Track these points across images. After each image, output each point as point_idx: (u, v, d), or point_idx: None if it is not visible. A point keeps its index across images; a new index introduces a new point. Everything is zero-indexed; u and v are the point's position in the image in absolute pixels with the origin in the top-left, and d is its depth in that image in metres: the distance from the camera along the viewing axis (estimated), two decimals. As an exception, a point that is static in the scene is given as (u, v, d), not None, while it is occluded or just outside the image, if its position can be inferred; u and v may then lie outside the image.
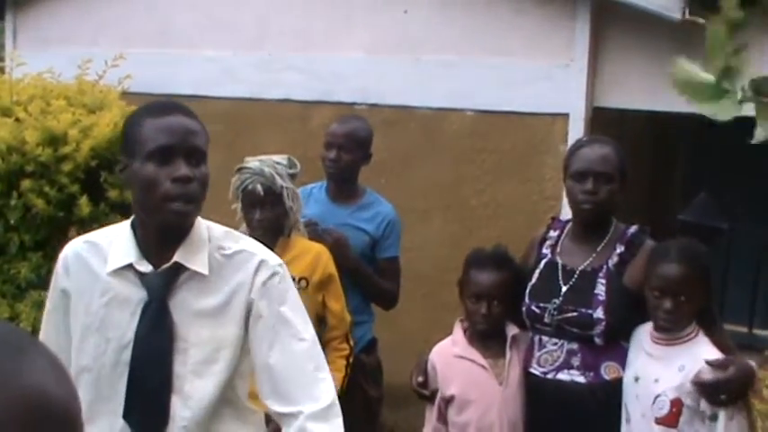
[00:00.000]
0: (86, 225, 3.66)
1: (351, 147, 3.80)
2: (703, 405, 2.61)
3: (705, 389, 2.58)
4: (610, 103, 4.68)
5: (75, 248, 2.18)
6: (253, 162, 3.39)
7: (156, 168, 1.99)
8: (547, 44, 4.66)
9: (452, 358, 3.01)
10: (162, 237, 2.08)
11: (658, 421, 2.66)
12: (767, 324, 4.62)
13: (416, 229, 4.88)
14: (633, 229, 2.95)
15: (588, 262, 2.90)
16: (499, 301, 2.95)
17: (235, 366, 2.14)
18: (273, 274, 2.14)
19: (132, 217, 2.15)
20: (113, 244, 2.13)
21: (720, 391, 2.56)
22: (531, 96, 4.66)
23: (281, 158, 3.43)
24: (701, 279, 2.70)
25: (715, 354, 2.66)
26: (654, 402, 2.67)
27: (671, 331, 2.70)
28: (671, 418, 2.63)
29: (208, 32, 5.45)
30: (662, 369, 2.68)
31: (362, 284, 3.82)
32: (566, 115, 4.62)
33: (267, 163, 3.37)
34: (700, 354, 2.65)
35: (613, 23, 4.63)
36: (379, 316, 4.30)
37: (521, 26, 4.72)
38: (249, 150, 3.68)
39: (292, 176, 3.44)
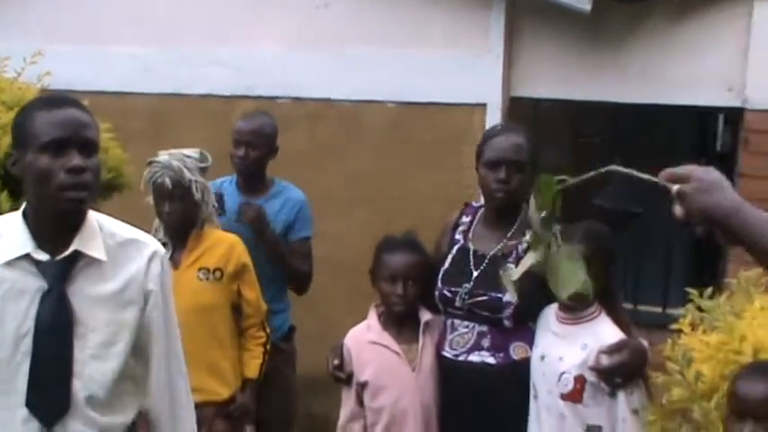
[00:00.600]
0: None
1: (258, 143, 3.95)
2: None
3: (601, 373, 2.69)
4: (526, 92, 4.80)
5: None
6: (162, 156, 3.44)
7: (51, 160, 2.06)
8: (464, 35, 4.76)
9: (366, 344, 3.08)
10: (58, 226, 2.13)
11: (564, 397, 2.76)
12: (680, 303, 4.77)
13: (339, 219, 4.95)
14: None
15: (499, 247, 2.99)
16: (414, 282, 3.03)
17: (133, 345, 2.23)
18: (164, 265, 2.29)
19: (23, 208, 2.19)
20: (3, 236, 2.16)
21: (615, 375, 2.68)
22: (449, 87, 4.76)
23: (192, 152, 3.49)
24: (603, 260, 2.78)
25: (615, 332, 2.76)
26: (559, 379, 2.76)
27: (574, 311, 2.79)
28: (575, 394, 2.74)
29: (130, 28, 5.42)
30: (566, 347, 2.78)
31: (279, 264, 3.92)
32: (483, 105, 4.72)
33: (176, 156, 3.42)
34: (601, 332, 2.76)
35: (527, 14, 4.75)
36: (302, 305, 4.37)
37: (438, 18, 4.81)
38: (172, 146, 3.69)
39: (203, 170, 3.50)
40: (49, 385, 2.15)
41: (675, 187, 1.64)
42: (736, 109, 4.54)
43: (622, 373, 2.67)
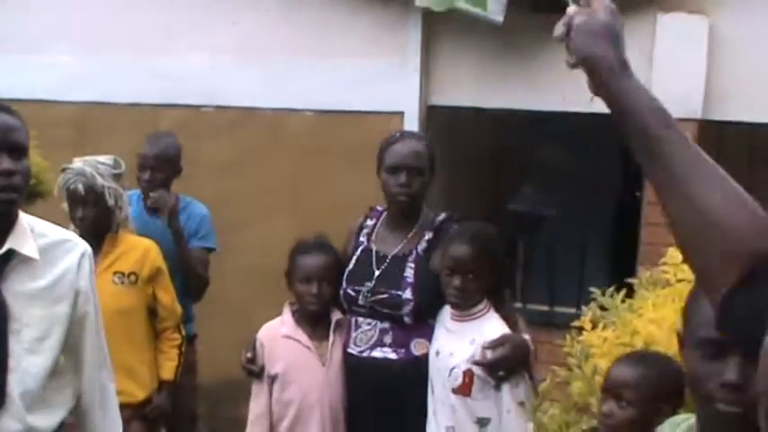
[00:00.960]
0: None
1: (162, 167, 4.08)
2: None
3: (485, 367, 2.82)
4: (442, 101, 4.94)
5: None
6: (76, 162, 3.51)
7: None
8: (381, 45, 4.90)
9: (279, 338, 3.18)
10: None
11: (454, 391, 2.88)
12: (565, 302, 4.98)
13: (262, 226, 5.05)
14: (442, 216, 3.18)
15: (399, 248, 3.12)
16: (327, 282, 3.13)
17: (64, 341, 2.35)
18: (91, 265, 2.41)
19: None
20: None
21: (498, 368, 2.81)
22: (367, 96, 4.88)
23: (105, 158, 3.57)
24: (490, 259, 2.92)
25: (500, 328, 2.89)
26: (450, 374, 2.88)
27: (461, 308, 2.92)
28: (464, 388, 2.86)
29: (55, 37, 5.45)
30: (456, 343, 2.90)
31: (185, 266, 4.02)
32: (401, 113, 4.86)
33: (89, 163, 3.50)
34: (487, 328, 2.88)
35: (444, 25, 4.88)
36: (225, 311, 4.45)
37: (356, 28, 4.94)
38: (98, 154, 3.76)
39: (117, 176, 3.57)
40: None
41: (570, 10, 1.36)
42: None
43: (505, 366, 2.80)
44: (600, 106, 1.33)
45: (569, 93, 4.79)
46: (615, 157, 5.54)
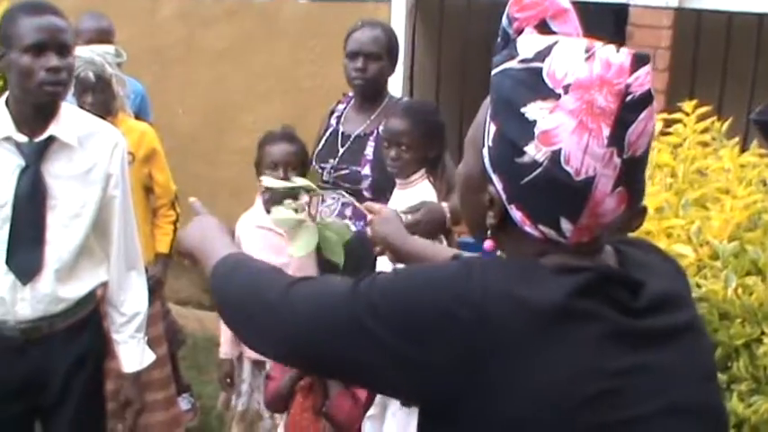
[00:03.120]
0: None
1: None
2: None
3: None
4: (431, -11, 5.08)
5: None
6: (84, 52, 3.72)
7: (32, 60, 2.44)
8: (369, -67, 5.01)
9: (254, 228, 3.47)
10: (37, 114, 2.54)
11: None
12: None
13: (258, 109, 5.28)
14: (405, 100, 3.40)
15: (362, 128, 3.37)
16: (293, 169, 3.38)
17: (94, 220, 2.66)
18: (123, 154, 2.73)
19: (5, 96, 2.58)
20: None
21: (413, 232, 3.04)
22: (357, -17, 5.03)
23: (109, 48, 3.79)
24: (425, 132, 3.13)
25: (426, 196, 3.11)
26: None
27: (399, 176, 3.16)
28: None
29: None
30: (395, 205, 3.13)
31: None
32: (388, 1, 5.01)
33: (97, 52, 3.72)
34: (417, 195, 3.11)
35: None
36: (221, 192, 4.71)
37: None
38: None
39: (119, 65, 3.80)
40: (25, 247, 2.58)
41: (369, 217, 2.00)
42: (621, 4, 4.83)
43: (420, 229, 2.95)
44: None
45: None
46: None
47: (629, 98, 1.14)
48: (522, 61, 1.20)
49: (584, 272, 1.18)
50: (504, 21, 1.26)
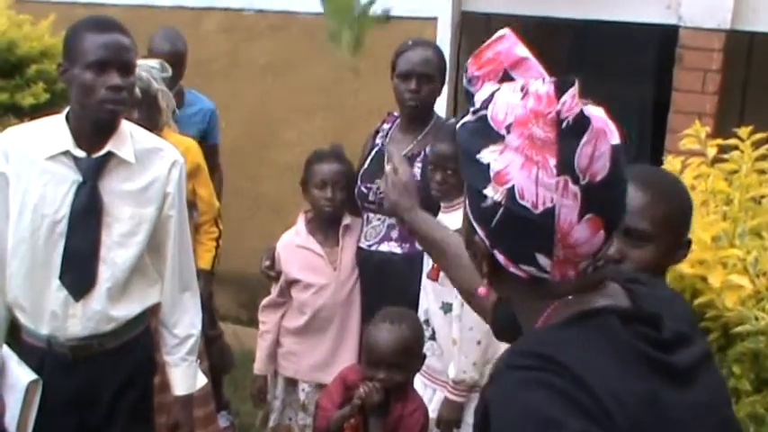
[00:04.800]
0: (-21, 126, 3.97)
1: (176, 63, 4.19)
2: None
3: None
4: (476, 7, 5.04)
5: (13, 137, 2.60)
6: None
7: (94, 77, 2.44)
8: (418, -49, 4.98)
9: (294, 247, 3.46)
10: (96, 129, 2.54)
11: (428, 276, 3.12)
12: None
13: (300, 126, 5.27)
14: (452, 121, 3.36)
15: (409, 149, 3.33)
16: (340, 188, 3.37)
17: (149, 239, 2.65)
18: (181, 173, 2.71)
19: (66, 111, 2.59)
20: (49, 134, 2.57)
21: None
22: (403, 1, 4.98)
23: (154, 62, 3.78)
24: None
25: None
26: (427, 260, 3.10)
27: (443, 200, 3.13)
28: (434, 273, 3.07)
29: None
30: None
31: None
32: (434, 19, 4.97)
33: (143, 68, 3.70)
34: (461, 220, 3.05)
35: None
36: (263, 208, 4.69)
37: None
38: (141, 57, 3.98)
39: (164, 79, 3.80)
40: (80, 263, 2.58)
41: (379, 182, 1.99)
42: (671, 26, 4.77)
43: None
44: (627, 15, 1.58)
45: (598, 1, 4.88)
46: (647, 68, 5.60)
47: (563, 125, 1.17)
48: (474, 112, 1.27)
49: (603, 311, 1.20)
50: (465, 81, 1.34)
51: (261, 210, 5.30)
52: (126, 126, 2.62)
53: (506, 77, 1.30)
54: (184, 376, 2.82)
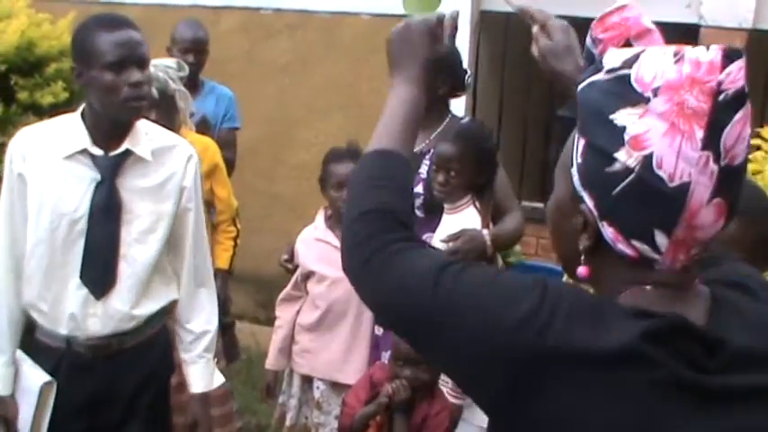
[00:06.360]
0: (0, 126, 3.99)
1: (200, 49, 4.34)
2: None
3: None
4: (495, 6, 5.01)
5: (29, 137, 2.60)
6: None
7: (115, 77, 2.43)
8: (435, -50, 4.95)
9: (312, 241, 3.44)
10: (114, 128, 2.54)
11: None
12: None
13: (317, 125, 5.25)
14: (466, 120, 3.34)
15: (421, 146, 3.30)
16: None
17: (168, 235, 2.65)
18: (197, 168, 2.70)
19: (81, 109, 2.58)
20: (65, 133, 2.57)
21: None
22: (420, 0, 4.97)
23: (170, 62, 3.77)
24: (475, 159, 3.07)
25: (473, 222, 3.06)
26: None
27: (446, 201, 3.10)
28: None
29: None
30: (442, 231, 3.09)
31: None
32: (452, 18, 4.94)
33: (160, 68, 3.70)
34: (462, 221, 3.06)
35: (497, -70, 4.92)
36: (281, 206, 4.67)
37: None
38: (160, 56, 3.98)
39: (181, 78, 3.79)
40: (100, 261, 2.58)
41: (534, 29, 1.73)
42: (692, 25, 4.73)
43: (459, 257, 2.93)
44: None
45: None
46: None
47: (721, 97, 1.09)
48: (609, 71, 1.16)
49: (656, 318, 1.11)
50: (588, 41, 1.26)
51: (277, 209, 5.29)
52: (141, 124, 2.61)
53: (627, 46, 1.23)
54: (201, 374, 2.80)
